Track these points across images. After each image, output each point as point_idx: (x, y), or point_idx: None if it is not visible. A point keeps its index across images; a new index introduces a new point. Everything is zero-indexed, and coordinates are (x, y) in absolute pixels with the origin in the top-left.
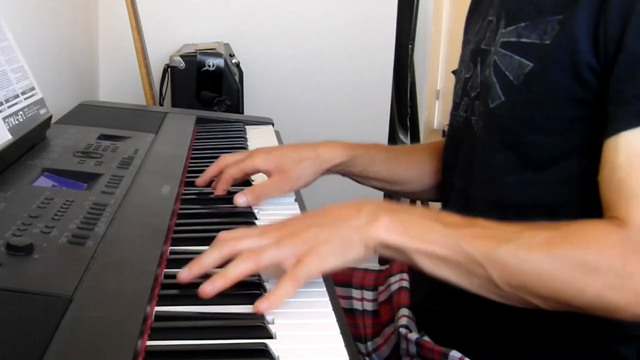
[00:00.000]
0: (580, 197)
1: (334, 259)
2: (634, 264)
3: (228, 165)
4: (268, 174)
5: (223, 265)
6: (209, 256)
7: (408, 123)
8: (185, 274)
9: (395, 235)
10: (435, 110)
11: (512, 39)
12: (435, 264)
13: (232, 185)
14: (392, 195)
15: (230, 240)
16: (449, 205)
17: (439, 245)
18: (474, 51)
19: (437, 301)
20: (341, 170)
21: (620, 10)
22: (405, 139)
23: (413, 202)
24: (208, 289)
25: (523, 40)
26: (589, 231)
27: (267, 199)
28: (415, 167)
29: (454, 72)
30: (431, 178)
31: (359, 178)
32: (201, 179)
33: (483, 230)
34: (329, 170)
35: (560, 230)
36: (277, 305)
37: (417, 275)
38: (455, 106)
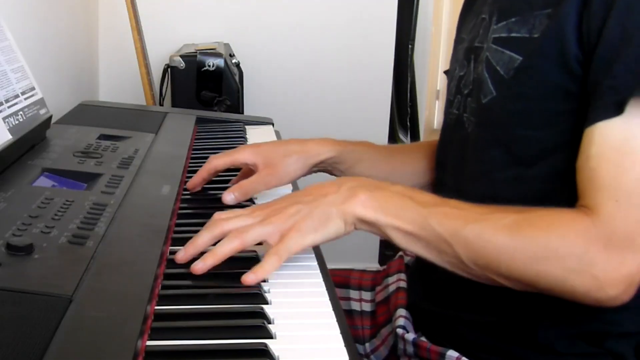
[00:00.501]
0: (571, 190)
1: (314, 234)
2: (595, 251)
3: (214, 157)
4: (255, 168)
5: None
6: (202, 237)
7: (408, 123)
8: (181, 254)
9: (371, 210)
10: (435, 110)
11: (503, 35)
12: (407, 240)
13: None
14: None
15: (220, 222)
16: None
17: (410, 222)
18: (468, 49)
19: (433, 301)
20: (329, 166)
21: (602, 2)
22: (405, 139)
23: None
24: (199, 266)
25: (513, 35)
26: (554, 217)
27: (254, 194)
28: (403, 166)
29: (446, 72)
30: (419, 177)
31: (346, 176)
32: (191, 183)
33: (453, 210)
34: (317, 166)
35: (528, 214)
36: (262, 278)
37: (414, 275)
38: (449, 104)
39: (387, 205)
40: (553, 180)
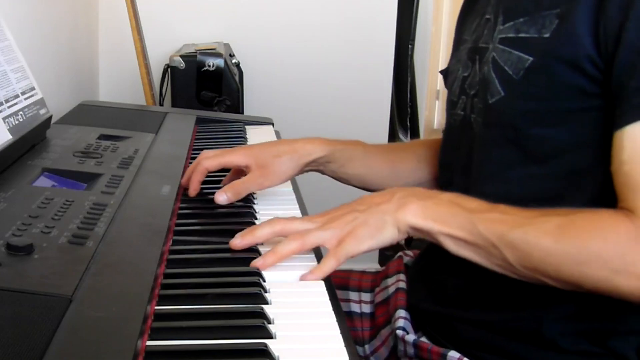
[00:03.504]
0: (585, 188)
1: (370, 240)
2: (638, 251)
3: (206, 158)
4: (247, 169)
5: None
6: (262, 230)
7: (408, 123)
8: (237, 241)
9: (422, 219)
10: (435, 110)
11: (511, 35)
12: (457, 245)
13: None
14: None
15: (281, 221)
16: None
17: (460, 228)
18: (472, 49)
19: (434, 302)
20: (321, 166)
21: (619, 5)
22: (405, 139)
23: None
24: (260, 262)
25: (521, 35)
26: (597, 219)
27: (247, 194)
28: (403, 163)
29: (442, 71)
30: (407, 177)
31: (337, 175)
32: (185, 179)
33: (501, 215)
34: (308, 166)
35: (571, 217)
36: (319, 277)
37: (414, 276)
38: (453, 105)
39: (437, 213)
40: (568, 179)
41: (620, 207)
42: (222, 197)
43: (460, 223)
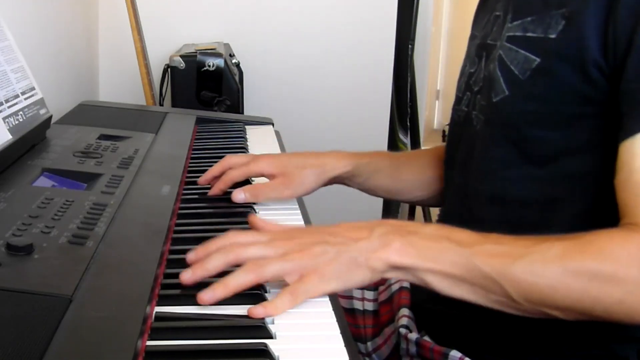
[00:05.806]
0: (580, 194)
1: (336, 282)
2: None
3: (232, 166)
4: (271, 177)
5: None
6: (214, 261)
7: (408, 123)
8: (187, 275)
9: (407, 257)
10: (435, 110)
11: (518, 34)
12: (448, 283)
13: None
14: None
15: (237, 247)
16: (448, 201)
17: (452, 264)
18: (480, 46)
19: (437, 301)
20: (346, 180)
21: (630, 10)
22: (405, 139)
23: (412, 207)
24: (207, 296)
25: (529, 34)
26: (604, 241)
27: (265, 200)
28: (419, 174)
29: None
30: (435, 184)
31: (363, 187)
32: (203, 178)
33: (496, 247)
34: (332, 180)
35: (575, 241)
36: (272, 315)
37: None
38: (458, 100)
39: (425, 250)
40: (564, 183)
41: (627, 222)
42: (240, 195)
43: (452, 259)
